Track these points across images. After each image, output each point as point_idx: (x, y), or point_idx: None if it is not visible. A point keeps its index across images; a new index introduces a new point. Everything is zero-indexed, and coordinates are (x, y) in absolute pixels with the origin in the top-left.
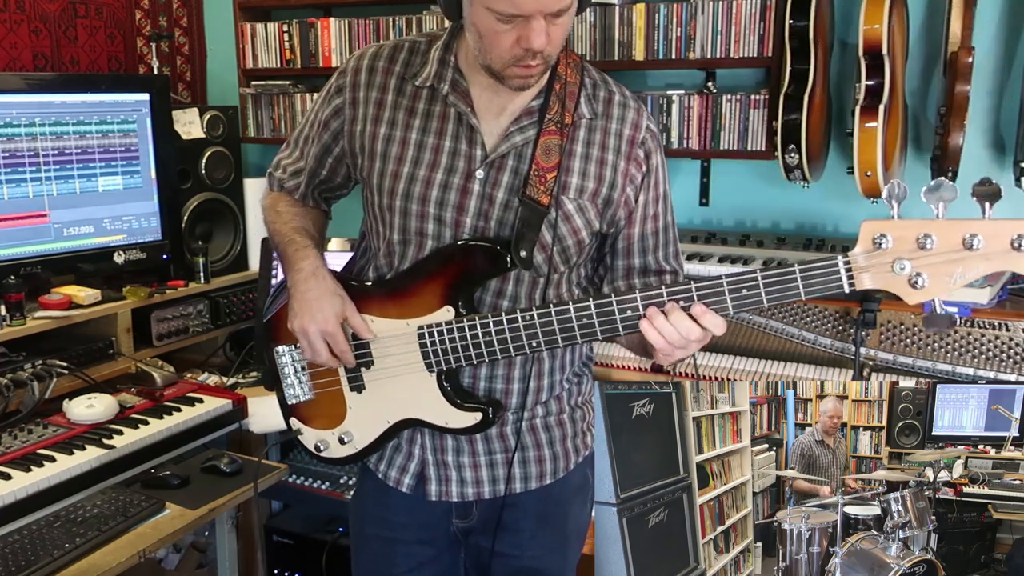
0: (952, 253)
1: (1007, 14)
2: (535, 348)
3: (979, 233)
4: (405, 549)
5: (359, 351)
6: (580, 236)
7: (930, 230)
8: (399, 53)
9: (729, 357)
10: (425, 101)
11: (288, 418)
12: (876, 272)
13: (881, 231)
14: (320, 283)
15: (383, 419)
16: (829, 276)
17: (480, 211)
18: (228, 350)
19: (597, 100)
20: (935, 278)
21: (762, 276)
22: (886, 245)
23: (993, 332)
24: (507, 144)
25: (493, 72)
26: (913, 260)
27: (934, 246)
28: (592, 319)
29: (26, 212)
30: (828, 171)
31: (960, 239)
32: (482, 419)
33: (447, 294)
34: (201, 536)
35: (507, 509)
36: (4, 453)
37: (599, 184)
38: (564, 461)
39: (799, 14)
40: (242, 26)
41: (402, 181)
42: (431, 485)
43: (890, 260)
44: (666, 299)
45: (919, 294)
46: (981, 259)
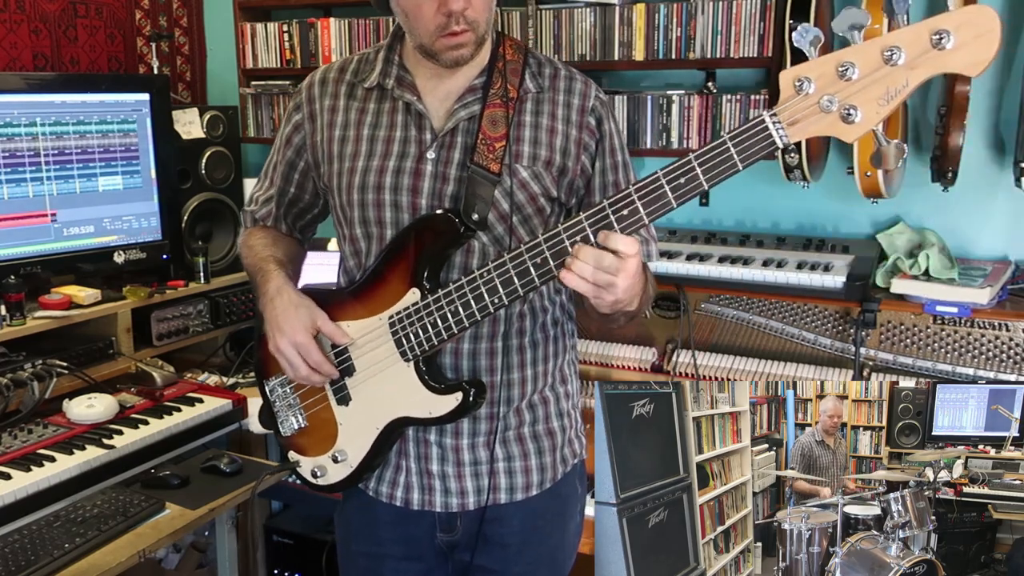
0: (875, 74)
1: (1007, 14)
2: (497, 305)
3: (896, 43)
4: (394, 565)
5: (340, 360)
6: (539, 204)
7: (847, 58)
8: (349, 64)
9: (729, 357)
10: (375, 100)
11: (287, 452)
12: (805, 118)
13: (800, 75)
14: (284, 299)
15: (372, 427)
16: (760, 135)
17: (434, 190)
18: (228, 350)
19: (543, 76)
20: (866, 105)
21: (696, 158)
22: (808, 88)
23: (993, 332)
24: (453, 120)
25: (426, 50)
26: (839, 93)
27: (856, 73)
28: (544, 253)
29: (26, 212)
30: (828, 171)
31: (880, 57)
32: (463, 398)
33: (411, 277)
34: (201, 536)
35: (492, 523)
36: (4, 453)
37: (551, 152)
38: (551, 472)
39: (799, 14)
40: (242, 26)
41: (357, 175)
42: (414, 494)
43: (816, 100)
44: (609, 214)
45: (855, 128)
46: (906, 70)
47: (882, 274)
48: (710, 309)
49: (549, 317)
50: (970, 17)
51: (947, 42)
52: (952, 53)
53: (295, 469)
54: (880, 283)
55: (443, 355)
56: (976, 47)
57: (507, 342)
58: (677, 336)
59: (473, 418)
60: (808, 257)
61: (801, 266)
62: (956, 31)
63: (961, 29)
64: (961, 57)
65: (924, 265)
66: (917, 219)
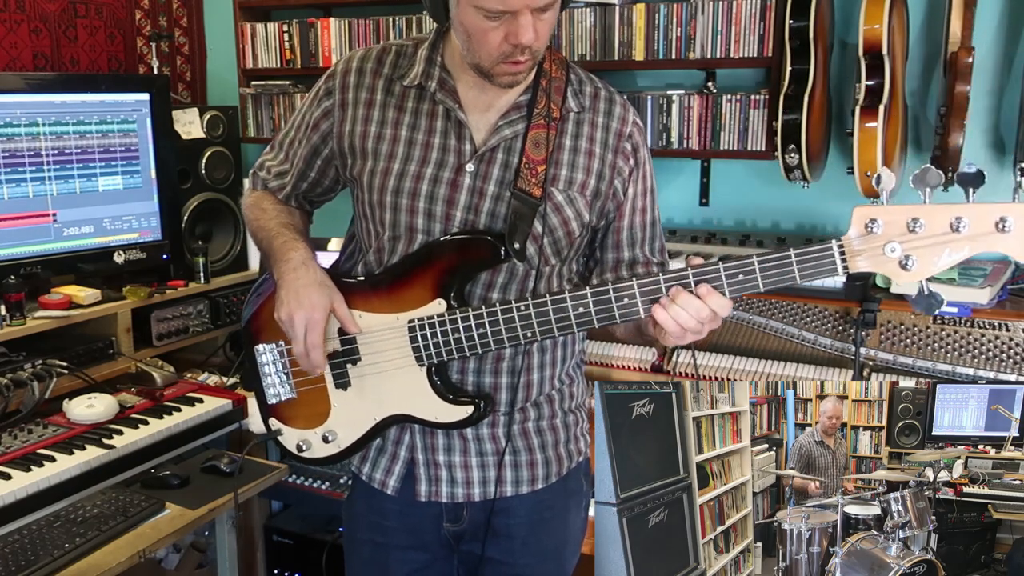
0: (940, 236)
1: (1007, 14)
2: (529, 339)
3: (964, 216)
4: (399, 555)
5: (345, 347)
6: (570, 227)
7: (919, 214)
8: (387, 55)
9: (729, 357)
10: (414, 100)
11: (267, 419)
12: (869, 255)
13: (872, 216)
14: (309, 273)
15: (369, 416)
16: (824, 260)
17: (470, 205)
18: (228, 350)
19: (583, 95)
20: (923, 259)
21: (759, 261)
22: (877, 229)
23: (993, 332)
24: (496, 138)
25: (482, 71)
26: (903, 243)
27: (923, 229)
28: (589, 307)
29: (26, 212)
30: (828, 171)
31: (947, 222)
32: (473, 412)
33: (439, 287)
34: (201, 536)
35: (499, 515)
36: (4, 453)
37: (587, 176)
38: (557, 466)
39: (799, 14)
40: (242, 26)
41: (392, 177)
42: (420, 485)
43: (882, 243)
44: (663, 285)
45: (909, 275)
46: (967, 241)
47: (882, 274)
48: None
49: None
50: None
51: (1008, 227)
52: (1008, 237)
53: (276, 437)
54: (880, 283)
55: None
56: None
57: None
58: None
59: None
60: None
61: None
62: (1017, 220)
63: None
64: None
65: None
66: None
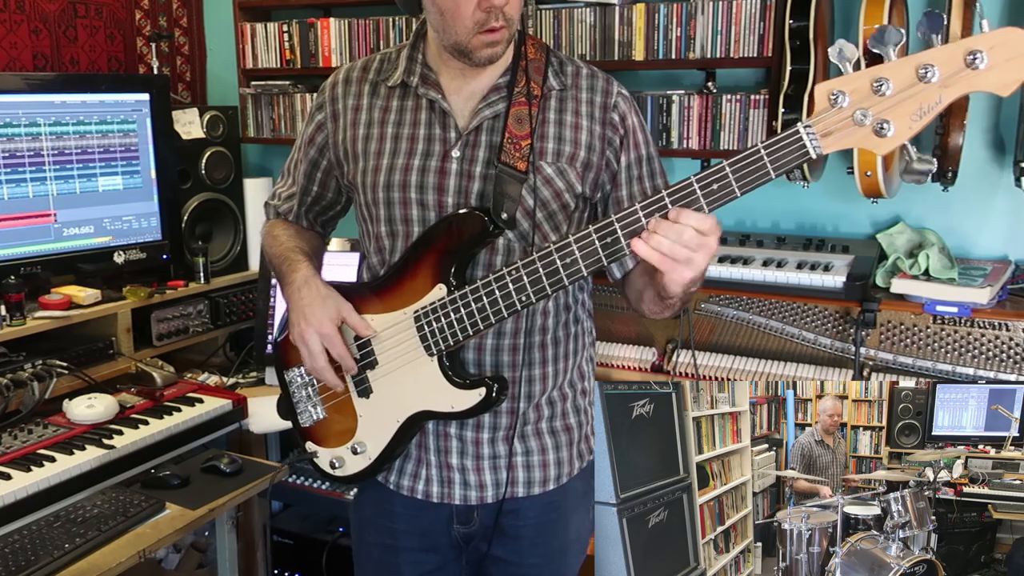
0: (909, 90)
1: (1007, 14)
2: (525, 303)
3: (931, 62)
4: (410, 557)
5: (362, 352)
6: (564, 199)
7: (882, 74)
8: (371, 63)
9: (729, 357)
10: (399, 98)
11: (304, 442)
12: (839, 130)
13: (834, 88)
14: (312, 290)
15: (392, 420)
16: (795, 146)
17: (460, 188)
18: (228, 350)
19: (565, 74)
20: (899, 120)
21: (729, 164)
22: (843, 102)
23: (993, 332)
24: (478, 119)
25: (460, 48)
26: (873, 107)
27: (890, 89)
28: (575, 255)
29: (26, 212)
30: (828, 171)
31: (914, 74)
32: (486, 394)
33: (438, 273)
34: (201, 536)
35: (508, 515)
36: (4, 453)
37: (576, 148)
38: (568, 467)
39: (799, 14)
40: (242, 26)
41: (382, 173)
42: (433, 487)
43: (850, 114)
44: (641, 215)
45: (887, 142)
46: (939, 88)
47: (882, 274)
48: (710, 309)
49: (571, 315)
50: (1004, 39)
51: (980, 62)
52: (984, 73)
53: (312, 459)
54: (880, 283)
55: (466, 350)
56: (1008, 68)
57: (529, 339)
58: (677, 336)
59: (494, 412)
60: (808, 257)
61: (801, 266)
62: (989, 52)
63: (994, 50)
64: (993, 77)
65: (924, 265)
66: (917, 219)
